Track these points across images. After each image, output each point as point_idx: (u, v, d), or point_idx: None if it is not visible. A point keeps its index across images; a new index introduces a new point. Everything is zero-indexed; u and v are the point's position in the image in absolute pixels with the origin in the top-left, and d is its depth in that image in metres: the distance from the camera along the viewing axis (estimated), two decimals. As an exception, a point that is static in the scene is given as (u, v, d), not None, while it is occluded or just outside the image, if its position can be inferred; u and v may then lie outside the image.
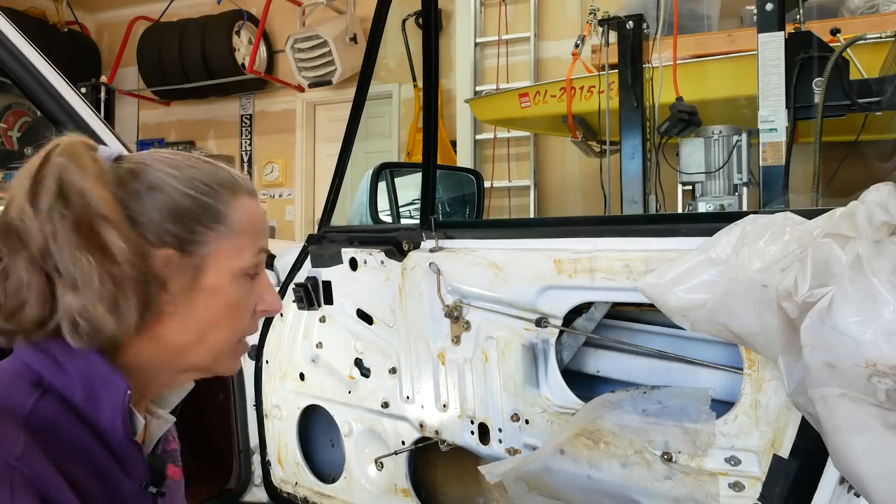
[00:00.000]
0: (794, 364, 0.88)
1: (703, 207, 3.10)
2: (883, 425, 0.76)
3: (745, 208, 3.13)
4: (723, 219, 1.15)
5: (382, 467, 1.83)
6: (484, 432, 1.59)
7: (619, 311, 1.47)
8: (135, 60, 6.69)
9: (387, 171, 2.36)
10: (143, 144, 7.21)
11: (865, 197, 0.83)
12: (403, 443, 1.75)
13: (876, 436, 0.76)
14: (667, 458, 1.28)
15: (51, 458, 0.74)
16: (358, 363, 1.86)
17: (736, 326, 1.00)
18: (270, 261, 2.11)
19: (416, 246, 1.67)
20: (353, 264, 1.79)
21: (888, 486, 0.76)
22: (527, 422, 1.50)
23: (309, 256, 1.88)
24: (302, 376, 1.95)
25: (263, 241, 0.92)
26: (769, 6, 2.54)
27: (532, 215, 5.17)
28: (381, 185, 2.27)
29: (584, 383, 1.49)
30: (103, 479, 0.80)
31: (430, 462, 1.85)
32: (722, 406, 1.27)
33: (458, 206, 2.67)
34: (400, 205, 2.44)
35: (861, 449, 0.78)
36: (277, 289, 2.04)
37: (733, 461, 1.23)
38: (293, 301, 1.91)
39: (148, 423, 0.92)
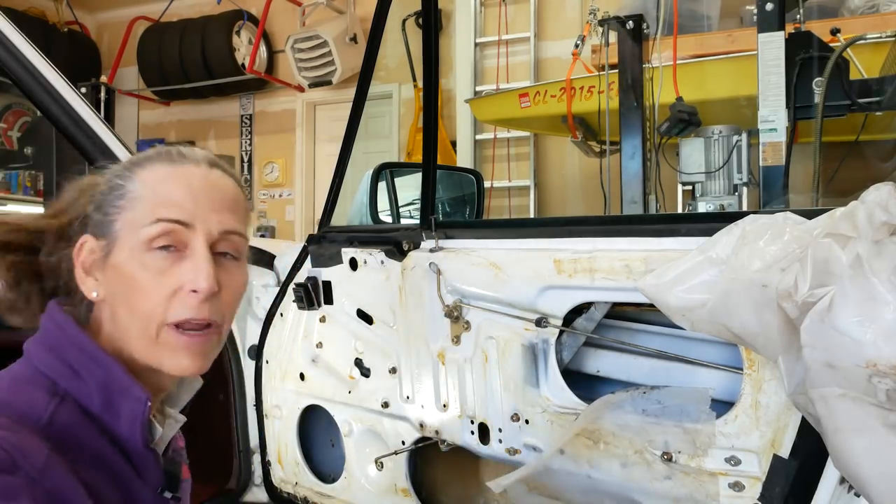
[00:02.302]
0: (794, 364, 0.88)
1: (703, 207, 3.10)
2: (883, 425, 0.76)
3: (745, 208, 3.13)
4: (723, 219, 1.15)
5: (382, 467, 1.83)
6: (484, 432, 1.59)
7: (619, 311, 1.47)
8: (135, 60, 6.69)
9: (387, 171, 2.36)
10: (142, 144, 7.21)
11: (865, 197, 0.83)
12: (403, 443, 1.75)
13: (876, 436, 0.76)
14: (667, 458, 1.28)
15: (71, 467, 0.73)
16: (358, 363, 1.86)
17: (736, 326, 1.00)
18: (270, 261, 2.11)
19: (416, 246, 1.67)
20: (353, 264, 1.79)
21: (888, 486, 0.75)
22: (527, 422, 1.50)
23: (309, 256, 1.88)
24: (302, 376, 1.95)
25: (169, 208, 0.80)
26: (769, 6, 2.54)
27: (532, 215, 5.17)
28: (381, 185, 2.27)
29: (584, 383, 1.49)
30: (121, 486, 0.80)
31: (430, 462, 1.85)
32: (722, 406, 1.27)
33: (458, 206, 2.67)
34: (400, 205, 2.44)
35: (861, 449, 0.77)
36: (277, 289, 2.04)
37: (733, 461, 1.23)
38: (293, 301, 1.91)
39: (160, 423, 0.91)
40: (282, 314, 2.00)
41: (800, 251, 0.85)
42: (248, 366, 2.09)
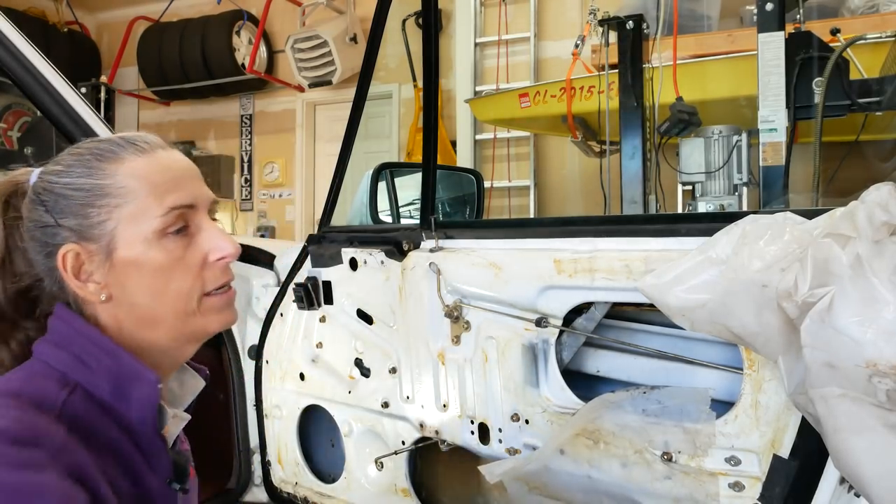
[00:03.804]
0: (794, 364, 0.88)
1: (703, 207, 3.10)
2: (883, 425, 0.76)
3: (745, 208, 3.13)
4: (723, 219, 1.15)
5: (382, 467, 1.83)
6: (484, 432, 1.59)
7: (619, 311, 1.47)
8: (135, 60, 6.70)
9: (387, 171, 2.36)
10: (143, 144, 7.20)
11: (865, 197, 0.83)
12: (403, 443, 1.75)
13: (876, 436, 0.76)
14: (667, 458, 1.28)
15: (86, 449, 0.75)
16: (358, 363, 1.86)
17: (736, 326, 1.00)
18: (270, 261, 2.11)
19: (416, 246, 1.67)
20: (353, 264, 1.79)
21: (888, 486, 0.75)
22: (527, 422, 1.50)
23: (309, 256, 1.88)
24: (302, 376, 1.95)
25: (173, 195, 0.84)
26: (769, 6, 2.54)
27: (532, 215, 5.17)
28: (381, 185, 2.27)
29: (584, 383, 1.49)
30: (131, 474, 0.82)
31: (430, 462, 1.85)
32: (722, 406, 1.27)
33: (458, 206, 2.67)
34: (400, 205, 2.44)
35: (861, 449, 0.77)
36: (277, 289, 2.04)
37: (733, 461, 1.23)
38: (293, 301, 1.91)
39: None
40: (282, 314, 2.00)
41: (800, 251, 0.85)
42: (248, 366, 2.09)
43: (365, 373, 1.84)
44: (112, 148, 0.86)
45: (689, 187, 3.23)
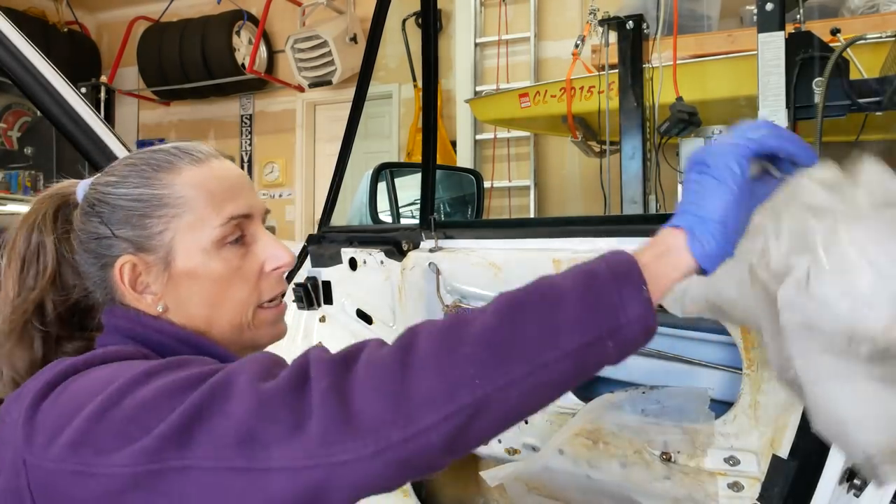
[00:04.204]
0: (777, 340, 0.87)
1: (702, 207, 3.10)
2: (868, 377, 0.75)
3: (744, 208, 3.12)
4: (722, 219, 1.15)
5: (382, 467, 1.83)
6: (483, 432, 1.58)
7: (619, 311, 1.47)
8: (135, 60, 6.70)
9: (387, 171, 2.37)
10: (142, 144, 7.20)
11: (860, 177, 0.82)
12: (403, 443, 1.75)
13: (863, 385, 0.75)
14: (666, 458, 1.29)
15: None
16: (358, 363, 1.86)
17: (713, 295, 0.99)
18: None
19: (416, 246, 1.67)
20: (353, 264, 1.79)
21: (878, 425, 0.73)
22: (526, 422, 1.50)
23: (309, 256, 1.89)
24: (302, 376, 1.95)
25: (231, 204, 0.83)
26: (769, 6, 2.54)
27: (532, 215, 5.18)
28: (381, 185, 2.28)
29: (583, 383, 1.49)
30: None
31: (430, 462, 1.85)
32: (721, 406, 1.27)
33: (458, 206, 2.67)
34: (400, 205, 2.44)
35: (846, 395, 0.76)
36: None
37: (732, 461, 1.23)
38: (293, 301, 1.91)
39: None
40: (281, 314, 2.00)
41: (776, 222, 0.84)
42: (247, 366, 2.09)
43: (365, 373, 1.84)
44: (168, 158, 0.84)
45: (689, 187, 3.22)
